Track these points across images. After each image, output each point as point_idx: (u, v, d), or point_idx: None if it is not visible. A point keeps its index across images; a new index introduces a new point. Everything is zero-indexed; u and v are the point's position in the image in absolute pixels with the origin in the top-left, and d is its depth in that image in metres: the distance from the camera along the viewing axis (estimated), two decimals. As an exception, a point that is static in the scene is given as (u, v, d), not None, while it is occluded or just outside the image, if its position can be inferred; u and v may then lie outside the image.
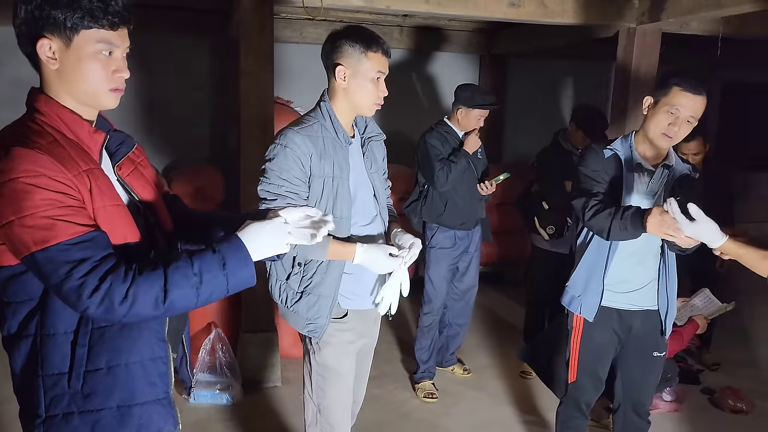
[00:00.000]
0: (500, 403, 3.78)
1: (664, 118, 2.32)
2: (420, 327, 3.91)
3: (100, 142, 1.43)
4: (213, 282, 1.34)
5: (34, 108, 1.40)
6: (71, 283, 1.26)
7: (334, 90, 2.19)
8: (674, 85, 2.29)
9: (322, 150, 2.12)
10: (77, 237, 1.28)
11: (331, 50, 2.15)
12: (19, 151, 1.28)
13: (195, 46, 5.52)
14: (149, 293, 1.29)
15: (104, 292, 1.26)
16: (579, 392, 2.61)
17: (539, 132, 5.03)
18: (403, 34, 5.83)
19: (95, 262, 1.27)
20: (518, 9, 3.81)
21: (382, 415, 3.58)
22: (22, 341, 1.38)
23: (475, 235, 3.88)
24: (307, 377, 2.29)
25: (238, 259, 1.37)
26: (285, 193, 2.09)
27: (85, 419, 1.39)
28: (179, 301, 1.32)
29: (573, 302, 2.54)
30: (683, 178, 2.42)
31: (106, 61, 1.38)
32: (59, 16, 1.32)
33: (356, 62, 2.12)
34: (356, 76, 2.13)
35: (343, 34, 2.14)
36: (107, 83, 1.40)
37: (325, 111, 2.18)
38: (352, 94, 2.16)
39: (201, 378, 3.61)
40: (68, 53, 1.35)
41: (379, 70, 2.14)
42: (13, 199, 1.26)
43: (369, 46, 2.11)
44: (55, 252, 1.26)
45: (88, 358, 1.38)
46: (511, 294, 5.71)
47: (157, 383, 1.48)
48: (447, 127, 3.76)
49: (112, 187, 1.42)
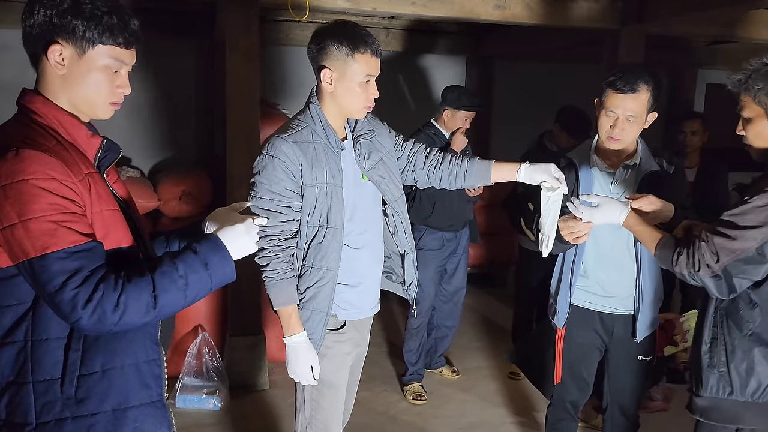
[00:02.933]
0: (489, 405, 3.78)
1: (606, 122, 2.33)
2: (408, 329, 3.90)
3: (96, 147, 1.44)
4: (198, 282, 1.38)
5: (29, 109, 1.40)
6: (65, 294, 1.25)
7: (322, 92, 2.07)
8: (607, 87, 2.28)
9: (313, 157, 2.01)
10: (76, 246, 1.28)
11: (316, 51, 2.02)
12: (29, 153, 1.28)
13: (181, 48, 5.49)
14: (140, 300, 1.30)
15: (96, 302, 1.26)
16: (564, 393, 2.62)
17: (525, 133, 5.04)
18: (390, 36, 5.82)
19: (88, 272, 1.28)
20: (504, 11, 3.82)
21: (370, 418, 3.57)
22: (5, 348, 1.35)
23: (463, 236, 3.89)
24: (300, 389, 2.20)
25: (219, 258, 1.42)
26: (278, 208, 1.99)
27: (78, 424, 1.37)
28: (168, 305, 1.35)
29: (550, 310, 2.58)
30: (652, 175, 2.36)
31: (114, 76, 1.43)
32: (79, 27, 1.35)
33: (343, 65, 1.99)
34: (343, 80, 2.00)
35: (328, 34, 2.00)
36: (109, 97, 1.44)
37: (315, 114, 2.06)
38: (340, 98, 2.04)
39: (188, 382, 3.58)
40: (79, 62, 1.39)
41: (368, 73, 2.01)
42: (20, 201, 1.25)
43: (356, 47, 1.97)
44: (53, 260, 1.25)
45: (82, 361, 1.37)
46: (499, 295, 5.72)
47: (152, 385, 1.48)
48: (434, 129, 3.77)
49: (108, 192, 1.43)
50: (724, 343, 1.94)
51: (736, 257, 1.80)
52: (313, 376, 2.07)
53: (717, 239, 1.81)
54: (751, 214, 1.78)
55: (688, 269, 1.86)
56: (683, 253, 1.88)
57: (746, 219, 1.78)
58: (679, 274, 1.91)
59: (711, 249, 1.82)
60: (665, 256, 1.94)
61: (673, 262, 1.90)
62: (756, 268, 1.82)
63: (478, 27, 5.55)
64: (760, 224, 1.76)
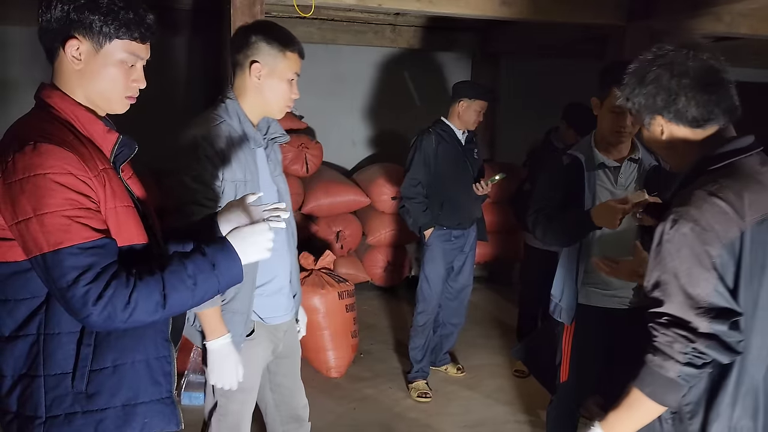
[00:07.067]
0: (494, 403, 3.78)
1: (611, 118, 2.35)
2: (414, 326, 3.90)
3: (112, 142, 1.45)
4: (206, 283, 1.38)
5: (47, 103, 1.41)
6: (77, 290, 1.26)
7: (245, 88, 2.05)
8: (613, 84, 2.26)
9: (231, 152, 1.99)
10: (89, 242, 1.28)
11: (245, 46, 2.02)
12: (47, 147, 1.29)
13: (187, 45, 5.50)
14: (150, 299, 1.31)
15: (108, 299, 1.27)
16: (570, 392, 2.61)
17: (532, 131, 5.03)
18: (396, 32, 5.82)
19: (101, 269, 1.28)
20: (510, 7, 3.82)
21: (376, 415, 3.57)
22: (19, 341, 1.36)
23: (471, 234, 3.89)
24: (210, 393, 2.14)
25: (227, 260, 1.41)
26: (202, 200, 1.93)
27: (88, 419, 1.38)
28: (177, 304, 1.35)
29: (555, 309, 2.56)
30: (653, 169, 2.42)
31: (129, 70, 1.44)
32: (96, 22, 1.37)
33: (273, 61, 2.00)
34: (272, 76, 2.01)
35: (259, 30, 2.03)
36: (125, 91, 1.45)
37: (232, 110, 2.04)
38: (266, 94, 2.04)
39: (193, 379, 3.57)
40: (96, 57, 1.40)
41: (295, 72, 2.03)
42: (36, 195, 1.26)
43: (287, 46, 2.01)
44: (66, 255, 1.26)
45: (94, 357, 1.37)
46: (504, 293, 5.71)
47: (162, 382, 1.48)
48: (444, 126, 3.78)
49: (123, 188, 1.44)
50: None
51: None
52: (237, 378, 1.99)
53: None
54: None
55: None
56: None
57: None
58: (684, 373, 1.41)
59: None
60: (656, 383, 1.45)
61: (666, 371, 1.42)
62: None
63: (484, 23, 5.55)
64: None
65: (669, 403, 1.45)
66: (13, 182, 1.27)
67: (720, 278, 1.38)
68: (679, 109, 1.49)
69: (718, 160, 1.46)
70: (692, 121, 1.50)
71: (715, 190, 1.40)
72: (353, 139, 6.14)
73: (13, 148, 1.29)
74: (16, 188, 1.27)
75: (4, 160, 1.29)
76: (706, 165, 1.47)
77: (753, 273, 1.41)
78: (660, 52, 1.54)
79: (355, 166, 6.07)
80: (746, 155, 1.47)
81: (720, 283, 1.38)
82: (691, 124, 1.50)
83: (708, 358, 1.39)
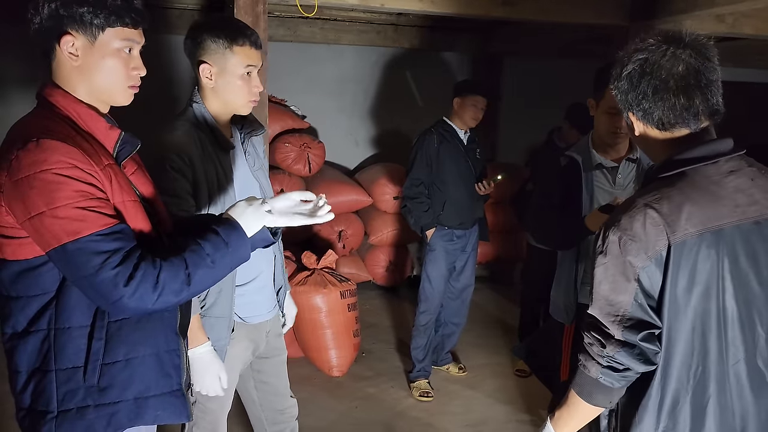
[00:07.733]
0: (496, 402, 3.78)
1: (607, 119, 2.35)
2: (416, 326, 3.90)
3: (114, 139, 1.46)
4: (223, 260, 1.41)
5: (49, 102, 1.42)
6: (105, 273, 1.27)
7: (204, 90, 1.98)
8: (606, 86, 2.28)
9: (201, 155, 1.92)
10: (108, 228, 1.30)
11: (192, 46, 1.95)
12: (50, 143, 1.30)
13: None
14: (177, 278, 1.33)
15: (138, 280, 1.28)
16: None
17: (534, 131, 5.03)
18: (398, 32, 5.82)
19: (127, 252, 1.30)
20: (513, 7, 3.82)
21: (377, 414, 3.58)
22: (30, 337, 1.38)
23: (473, 234, 3.90)
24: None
25: (237, 237, 1.45)
26: (177, 212, 1.80)
27: (101, 412, 1.39)
28: (200, 282, 1.38)
29: (555, 309, 2.57)
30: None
31: (127, 58, 1.45)
32: (86, 14, 1.38)
33: (221, 58, 1.92)
34: (224, 74, 1.93)
35: (204, 28, 1.94)
36: (126, 80, 1.46)
37: (199, 114, 1.97)
38: (223, 93, 1.96)
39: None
40: (92, 50, 1.41)
41: (248, 64, 1.93)
42: (46, 191, 1.27)
43: (234, 40, 1.90)
44: (87, 242, 1.27)
45: (105, 350, 1.39)
46: (506, 293, 5.71)
47: (172, 375, 1.50)
48: (446, 126, 3.79)
49: (128, 183, 1.45)
50: None
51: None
52: (221, 385, 1.94)
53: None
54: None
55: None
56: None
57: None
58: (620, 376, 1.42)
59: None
60: (587, 383, 1.48)
61: (595, 375, 1.44)
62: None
63: (486, 24, 5.55)
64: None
65: (598, 402, 1.47)
66: (20, 179, 1.28)
67: (642, 289, 1.37)
68: (646, 109, 1.45)
69: (670, 168, 1.42)
70: (658, 122, 1.45)
71: (651, 201, 1.38)
72: (355, 138, 6.14)
73: (17, 146, 1.30)
74: (24, 185, 1.28)
75: (9, 159, 1.30)
76: (659, 171, 1.45)
77: (684, 287, 1.36)
78: (639, 46, 1.46)
79: (358, 166, 6.08)
80: (706, 163, 1.40)
81: (641, 293, 1.37)
82: (657, 126, 1.46)
83: (624, 364, 1.40)
